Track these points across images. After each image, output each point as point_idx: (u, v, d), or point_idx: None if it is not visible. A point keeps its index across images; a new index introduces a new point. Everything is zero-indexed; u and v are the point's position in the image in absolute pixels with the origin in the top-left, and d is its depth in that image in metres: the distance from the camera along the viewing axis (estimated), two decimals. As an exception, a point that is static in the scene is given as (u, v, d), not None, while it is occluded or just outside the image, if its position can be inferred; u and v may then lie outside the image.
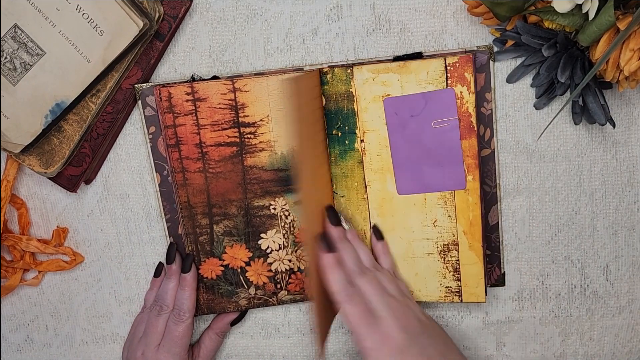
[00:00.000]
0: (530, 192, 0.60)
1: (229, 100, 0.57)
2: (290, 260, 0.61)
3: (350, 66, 0.57)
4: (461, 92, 0.55)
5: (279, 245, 0.60)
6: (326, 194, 0.60)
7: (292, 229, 0.60)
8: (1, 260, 0.62)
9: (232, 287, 0.61)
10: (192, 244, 0.60)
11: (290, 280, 0.61)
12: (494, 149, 0.59)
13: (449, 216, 0.58)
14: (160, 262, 0.62)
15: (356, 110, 0.58)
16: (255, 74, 0.58)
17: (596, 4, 0.48)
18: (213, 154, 0.58)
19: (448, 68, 0.55)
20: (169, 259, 0.61)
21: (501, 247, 0.61)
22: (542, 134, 0.58)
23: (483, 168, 0.59)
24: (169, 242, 0.61)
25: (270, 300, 0.62)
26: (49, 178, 0.58)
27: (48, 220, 0.62)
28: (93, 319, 0.64)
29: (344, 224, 0.59)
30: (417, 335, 0.52)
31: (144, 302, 0.63)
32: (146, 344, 0.59)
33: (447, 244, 0.59)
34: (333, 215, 0.58)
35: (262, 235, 0.60)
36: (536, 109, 0.58)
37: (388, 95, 0.57)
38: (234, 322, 0.63)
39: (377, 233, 0.59)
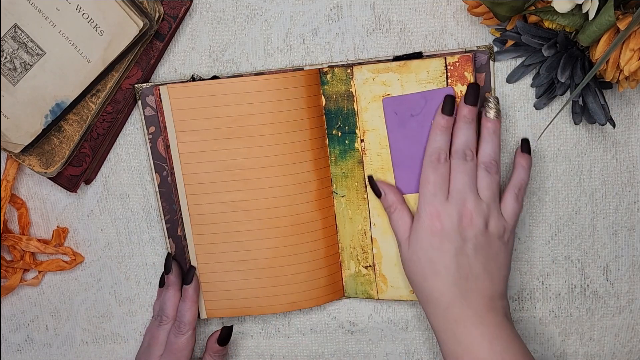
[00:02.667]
0: (530, 192, 0.60)
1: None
2: None
3: (350, 66, 0.57)
4: (461, 91, 0.55)
5: None
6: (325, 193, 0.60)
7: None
8: (1, 260, 0.61)
9: None
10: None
11: None
12: (494, 149, 0.59)
13: (449, 216, 0.58)
14: (163, 272, 0.62)
15: (356, 110, 0.58)
16: (256, 74, 0.58)
17: (596, 4, 0.48)
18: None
19: (448, 67, 0.55)
20: (167, 269, 0.60)
21: (501, 247, 0.61)
22: (542, 134, 0.58)
23: (483, 168, 0.59)
24: (167, 246, 0.61)
25: None
26: (49, 178, 0.58)
27: (48, 220, 0.62)
28: (93, 319, 0.64)
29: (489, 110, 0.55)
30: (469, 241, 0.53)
31: (152, 312, 0.63)
32: (148, 355, 0.60)
33: (447, 244, 0.59)
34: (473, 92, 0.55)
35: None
36: (536, 109, 0.58)
37: (388, 94, 0.57)
38: (220, 341, 0.61)
39: (525, 145, 0.57)
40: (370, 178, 0.58)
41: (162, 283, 0.62)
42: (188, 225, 0.59)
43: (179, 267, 0.61)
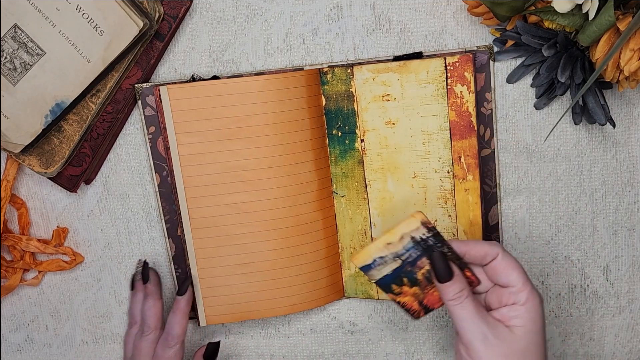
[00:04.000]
0: (531, 192, 0.60)
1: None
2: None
3: (350, 66, 0.57)
4: (461, 92, 0.55)
5: None
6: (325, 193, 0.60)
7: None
8: (1, 260, 0.61)
9: None
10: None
11: None
12: (494, 149, 0.59)
13: (449, 216, 0.58)
14: (135, 277, 0.61)
15: (356, 110, 0.58)
16: (256, 74, 0.58)
17: (596, 4, 0.48)
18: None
19: (448, 67, 0.55)
20: (145, 278, 0.59)
21: (501, 247, 0.61)
22: (547, 136, 0.58)
23: (483, 168, 0.59)
24: (167, 246, 0.61)
25: None
26: (49, 178, 0.58)
27: (48, 220, 0.62)
28: (93, 319, 0.64)
29: None
30: None
31: (128, 319, 0.62)
32: None
33: (447, 244, 0.59)
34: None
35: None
36: (536, 109, 0.58)
37: (388, 94, 0.57)
38: (206, 357, 0.59)
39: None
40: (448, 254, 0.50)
41: (132, 286, 0.61)
42: (188, 229, 0.59)
43: (157, 276, 0.60)
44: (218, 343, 0.60)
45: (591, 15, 0.49)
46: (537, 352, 0.48)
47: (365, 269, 0.51)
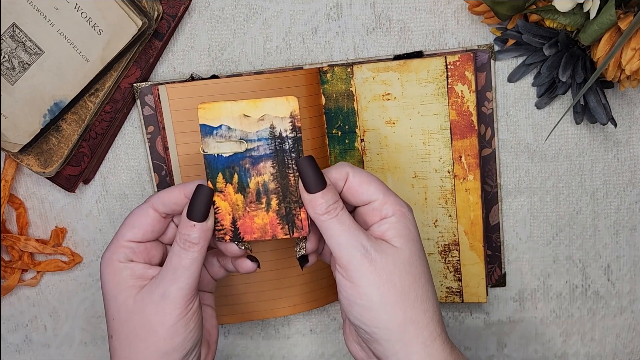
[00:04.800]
0: (532, 192, 0.60)
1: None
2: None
3: (350, 65, 0.57)
4: (462, 91, 0.55)
5: None
6: None
7: None
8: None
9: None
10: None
11: None
12: (494, 149, 0.58)
13: (450, 216, 0.58)
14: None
15: (356, 109, 0.58)
16: (255, 73, 0.58)
17: (597, 3, 0.48)
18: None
19: (449, 67, 0.55)
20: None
21: (502, 247, 0.61)
22: (548, 136, 0.58)
23: (484, 168, 0.59)
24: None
25: None
26: (48, 178, 0.58)
27: (46, 220, 0.62)
28: (92, 319, 0.64)
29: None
30: None
31: None
32: None
33: (448, 244, 0.58)
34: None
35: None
36: (537, 108, 0.58)
37: (388, 94, 0.57)
38: (192, 211, 0.44)
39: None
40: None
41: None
42: None
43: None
44: (207, 189, 0.44)
45: (592, 15, 0.49)
46: (421, 263, 0.44)
47: (206, 130, 0.43)
